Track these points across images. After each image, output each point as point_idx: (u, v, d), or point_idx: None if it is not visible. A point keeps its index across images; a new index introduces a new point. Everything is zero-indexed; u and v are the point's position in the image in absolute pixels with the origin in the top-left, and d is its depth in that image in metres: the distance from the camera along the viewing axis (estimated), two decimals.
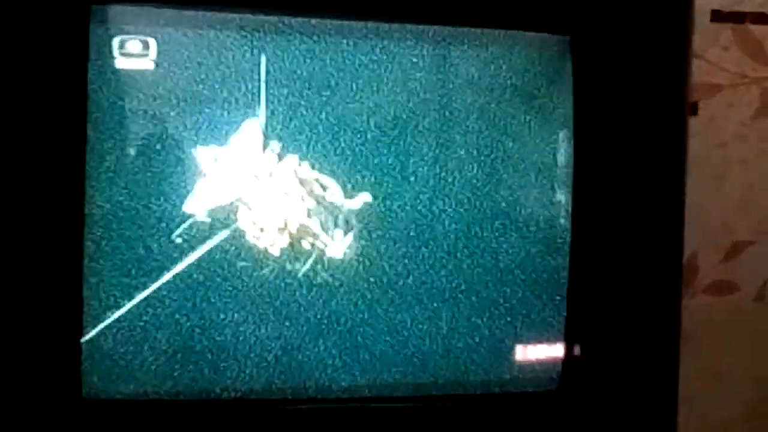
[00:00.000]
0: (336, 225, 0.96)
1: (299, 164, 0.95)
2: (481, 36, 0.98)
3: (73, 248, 0.89)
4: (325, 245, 0.97)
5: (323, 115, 0.95)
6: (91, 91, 0.89)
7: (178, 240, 0.93)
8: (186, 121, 0.92)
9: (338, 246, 0.97)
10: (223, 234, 0.94)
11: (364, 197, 0.97)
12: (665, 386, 1.02)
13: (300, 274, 0.96)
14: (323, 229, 0.97)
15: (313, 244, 0.96)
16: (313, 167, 0.96)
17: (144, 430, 0.94)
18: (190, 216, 0.92)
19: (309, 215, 0.96)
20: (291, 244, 0.96)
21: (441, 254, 0.99)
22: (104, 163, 0.91)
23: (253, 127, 0.94)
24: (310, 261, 0.96)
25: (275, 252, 0.95)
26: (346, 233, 0.97)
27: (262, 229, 0.95)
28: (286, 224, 0.96)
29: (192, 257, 0.93)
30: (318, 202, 0.96)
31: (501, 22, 0.98)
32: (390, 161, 0.97)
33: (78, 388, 0.91)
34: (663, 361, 1.02)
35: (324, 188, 0.96)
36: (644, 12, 0.99)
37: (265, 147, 0.94)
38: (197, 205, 0.93)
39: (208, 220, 0.93)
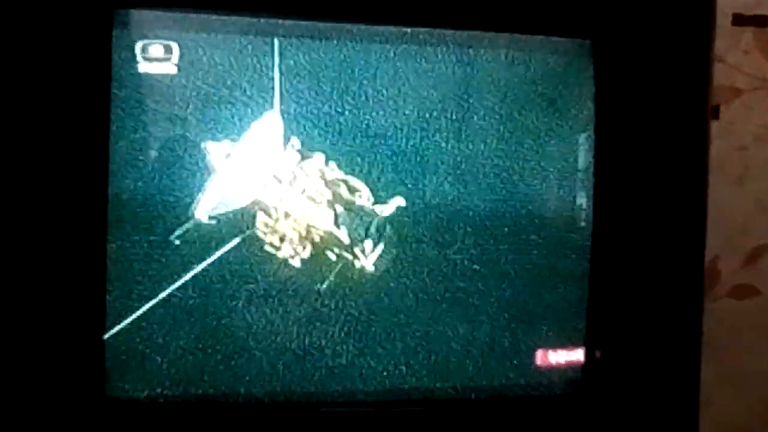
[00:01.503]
0: (367, 234, 0.95)
1: (326, 164, 0.94)
2: (503, 40, 0.99)
3: (96, 248, 0.90)
4: (354, 256, 0.95)
5: (346, 118, 0.95)
6: (114, 94, 0.90)
7: (197, 242, 0.93)
8: (207, 123, 0.93)
9: (368, 258, 0.95)
10: (240, 238, 0.93)
11: (398, 202, 0.96)
12: (686, 390, 1.02)
13: (323, 287, 0.95)
14: (352, 238, 0.95)
15: (339, 255, 0.95)
16: (340, 167, 0.94)
17: (165, 429, 0.94)
18: (209, 219, 0.92)
19: (336, 223, 0.94)
20: (314, 255, 0.94)
21: (463, 259, 0.99)
22: (127, 165, 0.91)
23: (274, 126, 0.93)
24: (334, 273, 0.95)
25: (296, 263, 0.94)
26: (376, 243, 0.95)
27: (282, 238, 0.93)
28: (309, 232, 0.94)
29: (209, 260, 0.93)
30: (347, 208, 0.94)
31: (522, 26, 0.98)
32: (413, 165, 0.97)
33: (102, 386, 0.91)
34: (684, 364, 1.02)
35: (352, 192, 0.93)
36: (666, 16, 0.99)
37: (286, 146, 0.93)
38: (217, 208, 0.92)
39: (226, 223, 0.93)
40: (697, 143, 1.02)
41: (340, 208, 0.95)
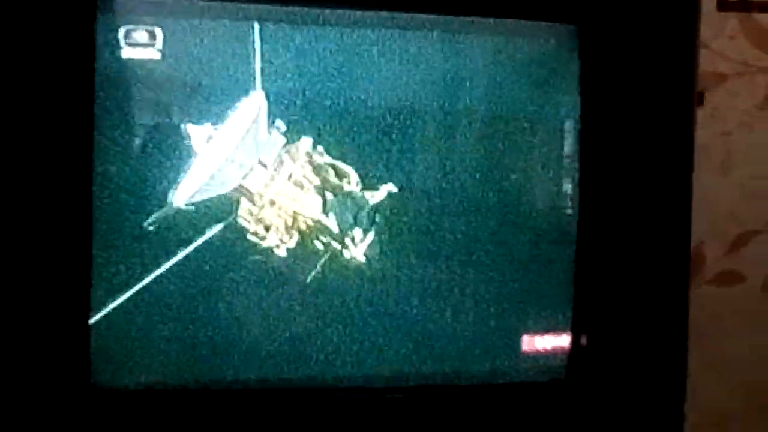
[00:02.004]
0: (356, 222, 0.93)
1: (313, 148, 0.92)
2: (488, 25, 0.98)
3: (81, 233, 0.89)
4: (343, 245, 0.93)
5: (332, 103, 0.94)
6: (98, 80, 0.89)
7: (176, 230, 0.91)
8: (191, 109, 0.92)
9: (358, 247, 0.93)
10: (222, 226, 0.92)
11: (388, 188, 0.94)
12: (673, 376, 1.02)
13: (309, 278, 0.94)
14: (341, 227, 0.93)
15: (327, 245, 0.93)
16: (328, 151, 0.93)
17: (153, 418, 0.93)
18: (188, 205, 0.91)
19: (324, 210, 0.93)
20: (300, 244, 0.92)
21: (449, 246, 0.98)
22: (111, 150, 0.90)
23: (258, 109, 0.92)
24: (321, 263, 0.93)
25: (281, 252, 0.93)
26: (366, 231, 0.94)
27: (267, 227, 0.92)
28: (295, 220, 0.92)
29: (189, 249, 0.92)
30: (335, 195, 0.92)
31: (508, 11, 0.98)
32: (401, 150, 0.96)
33: (87, 375, 0.90)
34: (671, 350, 1.02)
35: (341, 177, 0.92)
36: (652, 1, 0.99)
37: (271, 129, 0.92)
38: (198, 194, 0.91)
39: (207, 210, 0.91)
40: (683, 130, 1.02)
41: (329, 195, 0.93)
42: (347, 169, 0.94)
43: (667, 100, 1.01)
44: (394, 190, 0.95)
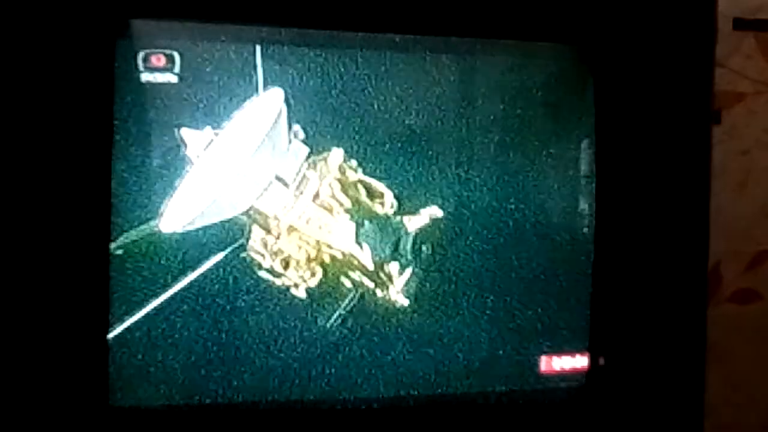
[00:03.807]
0: (394, 254, 0.80)
1: (345, 160, 0.78)
2: (502, 46, 0.98)
3: (99, 252, 0.89)
4: (377, 283, 0.79)
5: (361, 113, 0.89)
6: (117, 104, 0.89)
7: (191, 252, 0.87)
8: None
9: (395, 284, 0.79)
10: (227, 257, 0.83)
11: (431, 212, 0.82)
12: (691, 396, 1.02)
13: (330, 322, 0.83)
14: (374, 259, 0.79)
15: (357, 282, 0.80)
16: (362, 166, 0.79)
17: None
18: (186, 233, 0.84)
19: (357, 239, 0.78)
20: (324, 281, 0.79)
21: (467, 265, 0.97)
22: (129, 172, 0.90)
23: (279, 113, 0.82)
24: (347, 304, 0.81)
25: (300, 293, 0.81)
26: (404, 266, 0.81)
27: (286, 262, 0.77)
28: (319, 251, 0.77)
29: (181, 285, 0.86)
30: (369, 220, 0.77)
31: (523, 32, 0.98)
32: (439, 170, 0.89)
33: (105, 394, 0.90)
34: (689, 370, 1.02)
35: (373, 198, 0.77)
36: (668, 20, 0.99)
37: (291, 136, 0.80)
38: (197, 220, 0.83)
39: (209, 239, 0.83)
40: (700, 148, 1.02)
41: (361, 221, 0.79)
42: (382, 188, 0.82)
43: (684, 119, 1.01)
44: (438, 214, 0.86)
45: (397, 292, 0.80)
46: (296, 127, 0.80)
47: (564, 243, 1.01)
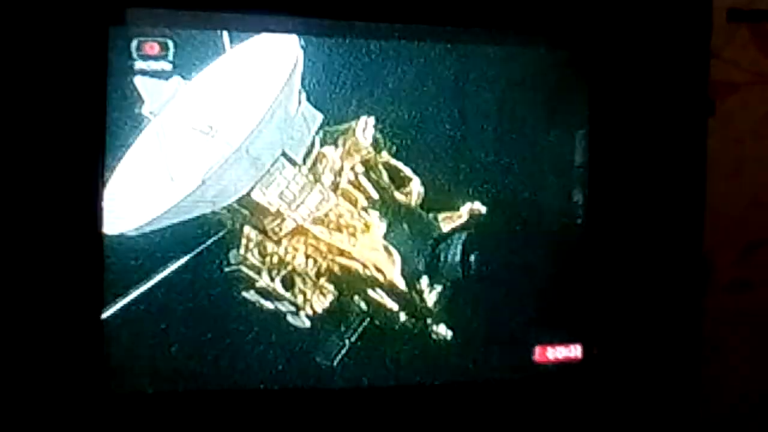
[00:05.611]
0: (429, 264, 0.61)
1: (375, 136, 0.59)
2: (498, 35, 0.98)
3: (91, 239, 0.88)
4: (404, 304, 0.59)
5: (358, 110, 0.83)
6: (110, 92, 0.88)
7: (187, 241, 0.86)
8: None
9: (425, 299, 0.61)
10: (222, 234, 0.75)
11: (471, 209, 0.66)
12: (685, 385, 1.02)
13: (338, 359, 0.73)
14: (404, 273, 0.59)
15: (373, 303, 0.61)
16: (391, 147, 0.60)
17: (169, 423, 0.93)
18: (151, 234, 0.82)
19: (387, 236, 0.56)
20: (334, 303, 0.62)
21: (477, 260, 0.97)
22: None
23: (294, 66, 0.71)
24: (359, 332, 0.66)
25: (302, 322, 0.67)
26: (436, 279, 0.62)
27: (291, 280, 0.56)
28: (331, 262, 0.55)
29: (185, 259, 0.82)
30: (396, 215, 0.55)
31: (518, 24, 0.98)
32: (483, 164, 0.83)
33: (106, 381, 0.89)
34: (683, 360, 1.02)
35: (399, 187, 0.55)
36: (664, 11, 0.99)
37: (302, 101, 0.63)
38: (164, 219, 0.80)
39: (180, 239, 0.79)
40: (695, 138, 1.02)
41: (389, 216, 0.58)
42: (408, 173, 0.63)
43: (679, 109, 1.01)
44: (482, 210, 0.72)
45: (429, 309, 0.61)
46: (308, 111, 0.64)
47: (558, 233, 1.01)
